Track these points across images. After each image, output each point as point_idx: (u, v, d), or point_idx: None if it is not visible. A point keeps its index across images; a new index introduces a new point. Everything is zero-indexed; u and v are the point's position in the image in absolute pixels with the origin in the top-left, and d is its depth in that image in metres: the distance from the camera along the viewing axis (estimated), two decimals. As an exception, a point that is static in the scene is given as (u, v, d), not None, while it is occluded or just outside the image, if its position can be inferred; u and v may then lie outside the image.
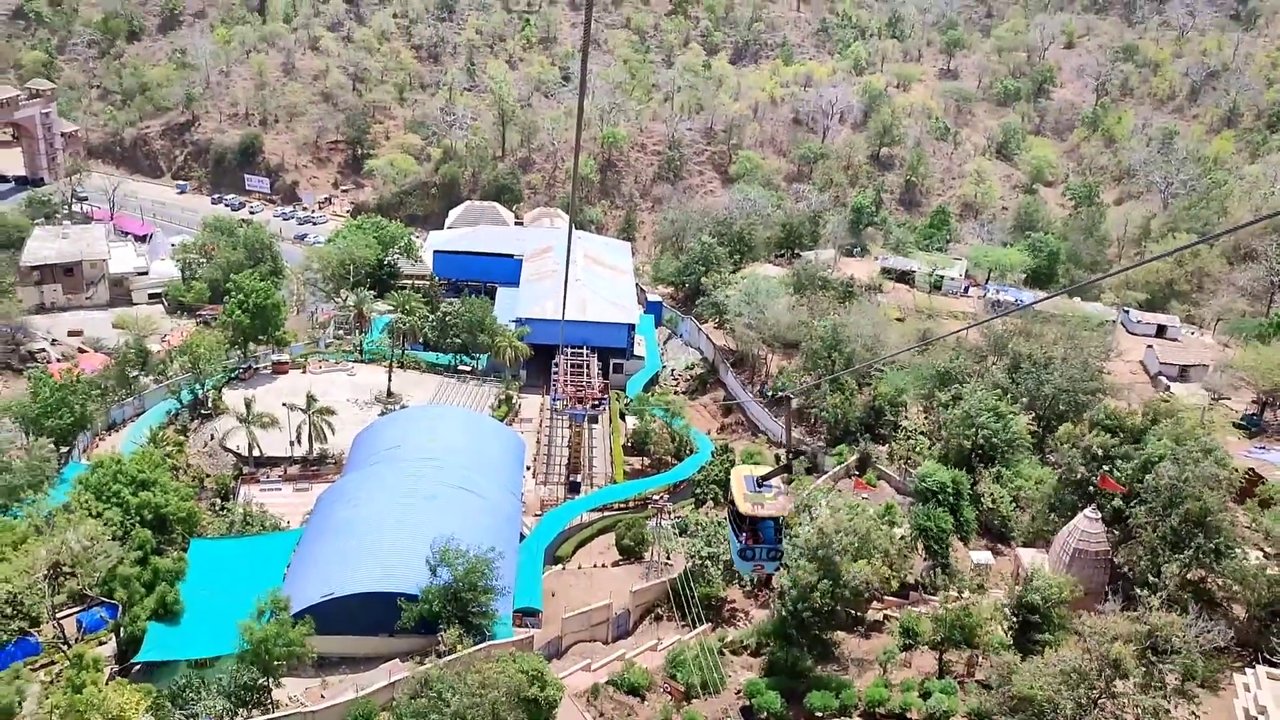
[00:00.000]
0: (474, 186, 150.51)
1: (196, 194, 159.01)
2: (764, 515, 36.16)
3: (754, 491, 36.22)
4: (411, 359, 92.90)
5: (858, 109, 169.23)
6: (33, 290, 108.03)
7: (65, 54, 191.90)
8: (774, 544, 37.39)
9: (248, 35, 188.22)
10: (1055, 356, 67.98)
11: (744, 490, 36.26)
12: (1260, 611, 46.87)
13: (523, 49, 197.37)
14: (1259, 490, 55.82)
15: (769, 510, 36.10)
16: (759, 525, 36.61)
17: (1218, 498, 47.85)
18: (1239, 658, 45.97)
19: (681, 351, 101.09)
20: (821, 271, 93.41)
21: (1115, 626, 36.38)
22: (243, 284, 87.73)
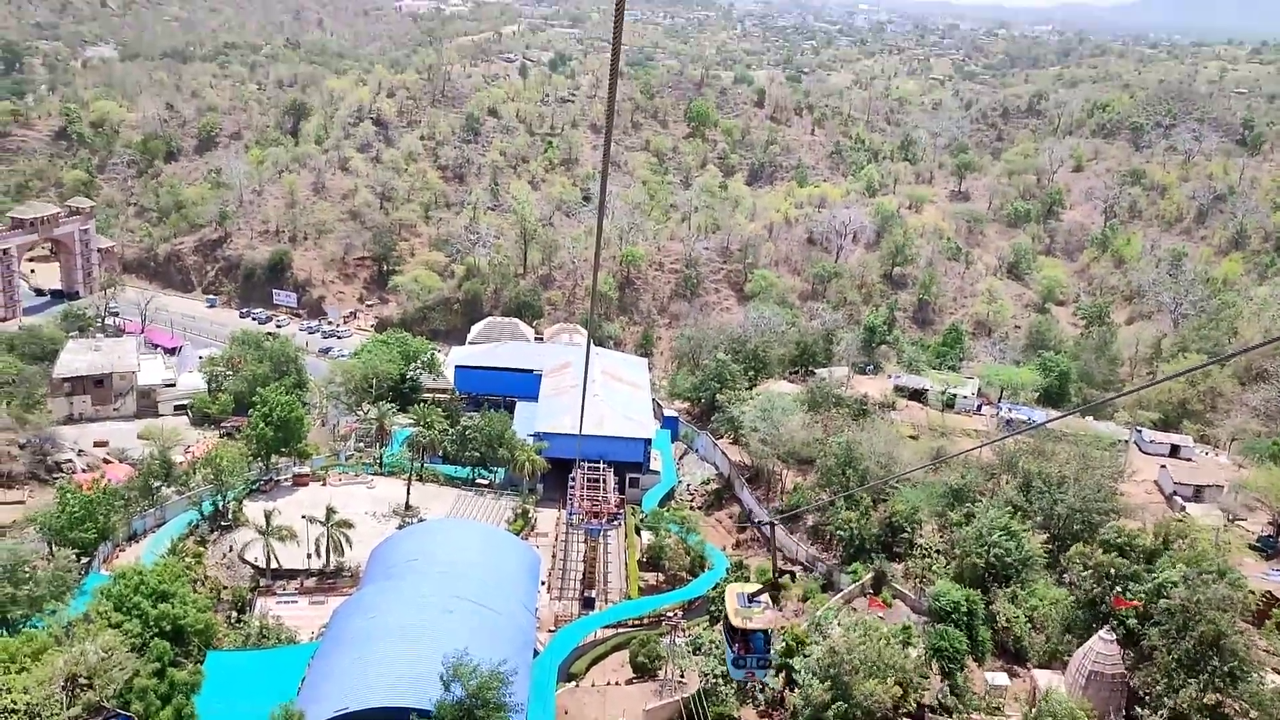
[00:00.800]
0: (496, 302, 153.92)
1: (225, 308, 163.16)
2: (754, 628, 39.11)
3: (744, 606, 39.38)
4: (430, 472, 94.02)
5: (871, 229, 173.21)
6: (63, 401, 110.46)
7: (105, 173, 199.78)
8: (763, 653, 40.01)
9: (280, 156, 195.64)
10: (1068, 476, 68.47)
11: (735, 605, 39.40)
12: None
13: (545, 170, 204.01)
14: (1275, 613, 55.58)
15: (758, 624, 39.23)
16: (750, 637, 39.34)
17: (1231, 620, 47.81)
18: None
19: (697, 467, 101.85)
20: (835, 389, 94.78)
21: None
22: (268, 397, 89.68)
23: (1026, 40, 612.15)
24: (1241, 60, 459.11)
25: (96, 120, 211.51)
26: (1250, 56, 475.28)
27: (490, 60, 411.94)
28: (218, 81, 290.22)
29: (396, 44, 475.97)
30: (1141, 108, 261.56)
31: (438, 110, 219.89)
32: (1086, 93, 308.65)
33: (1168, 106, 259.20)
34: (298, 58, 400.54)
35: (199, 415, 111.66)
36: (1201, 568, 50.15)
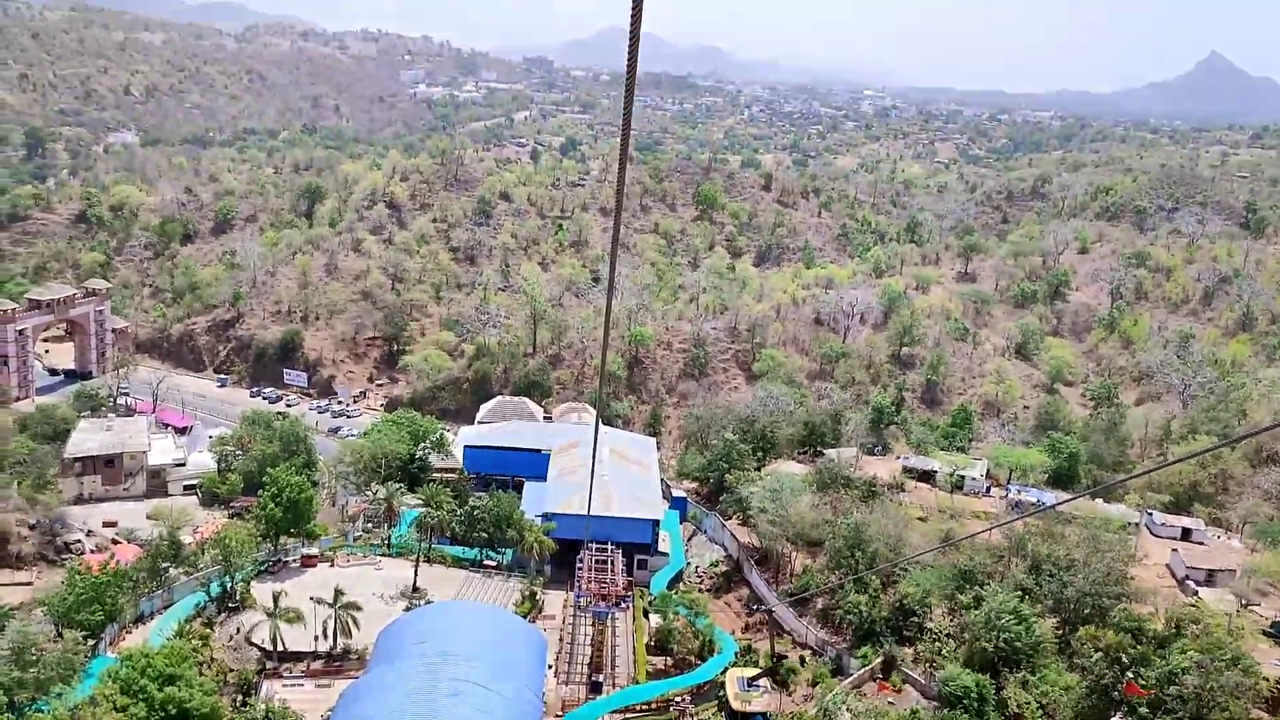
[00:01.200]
0: (505, 382, 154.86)
1: (236, 387, 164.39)
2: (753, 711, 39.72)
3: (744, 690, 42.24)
4: (438, 553, 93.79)
5: (878, 310, 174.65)
6: (73, 481, 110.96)
7: (122, 255, 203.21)
8: None
9: (294, 238, 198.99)
10: (1077, 559, 68.18)
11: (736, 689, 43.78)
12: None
13: (555, 251, 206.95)
14: (1291, 700, 54.86)
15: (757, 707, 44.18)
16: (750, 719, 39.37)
17: (1245, 708, 47.28)
18: None
19: (706, 548, 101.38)
20: (844, 470, 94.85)
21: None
22: (278, 477, 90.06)
23: (1029, 125, 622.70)
24: (1243, 145, 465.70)
25: (116, 204, 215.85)
26: (1251, 141, 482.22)
27: (503, 144, 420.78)
28: (235, 166, 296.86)
29: (411, 129, 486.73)
30: (1144, 191, 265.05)
31: (450, 194, 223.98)
32: (1089, 176, 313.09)
33: (1170, 190, 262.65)
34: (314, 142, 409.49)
35: (208, 495, 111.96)
36: (1214, 655, 49.72)
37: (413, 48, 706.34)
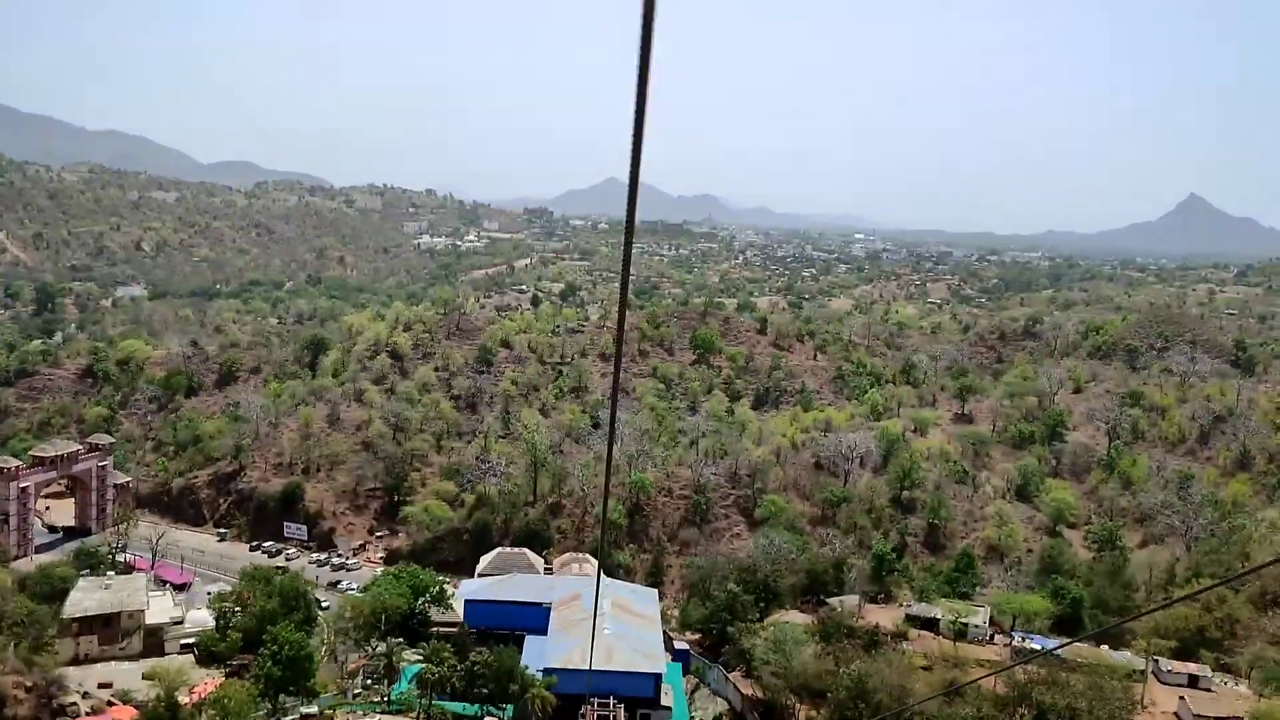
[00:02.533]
0: (505, 531, 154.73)
1: (236, 541, 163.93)
2: None
3: None
4: (439, 710, 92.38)
5: (876, 453, 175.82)
6: (69, 642, 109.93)
7: (127, 408, 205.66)
8: None
9: (298, 389, 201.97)
10: (1080, 708, 67.67)
11: None
12: None
13: (555, 398, 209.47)
14: None
15: None
16: None
17: None
18: None
19: (709, 701, 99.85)
20: (847, 619, 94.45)
21: None
22: (277, 635, 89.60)
23: (1018, 265, 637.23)
24: (1228, 283, 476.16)
25: (122, 358, 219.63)
26: (1236, 279, 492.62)
27: (504, 291, 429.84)
28: (240, 317, 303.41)
29: (414, 277, 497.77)
30: (1135, 330, 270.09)
31: (452, 342, 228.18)
32: (1080, 314, 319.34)
33: (1160, 329, 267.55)
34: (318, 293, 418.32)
35: (205, 653, 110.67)
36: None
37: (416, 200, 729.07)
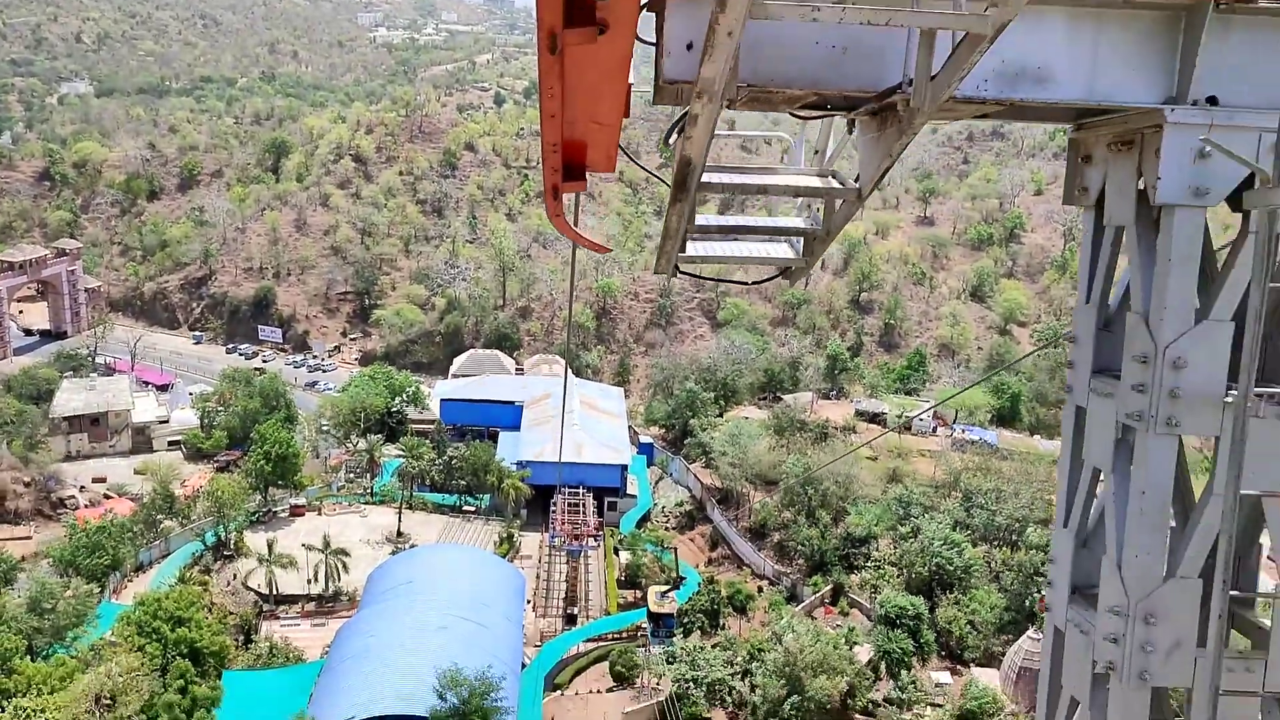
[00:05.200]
0: (476, 334, 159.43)
1: (211, 344, 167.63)
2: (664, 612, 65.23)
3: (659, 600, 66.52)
4: (419, 500, 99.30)
5: (838, 256, 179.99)
6: (60, 440, 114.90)
7: (89, 213, 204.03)
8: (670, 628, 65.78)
9: (262, 194, 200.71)
10: (1005, 490, 74.99)
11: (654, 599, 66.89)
12: None
13: (521, 203, 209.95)
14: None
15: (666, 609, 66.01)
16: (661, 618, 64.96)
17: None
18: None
19: (671, 490, 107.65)
20: (799, 415, 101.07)
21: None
22: (266, 434, 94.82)
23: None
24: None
25: (79, 161, 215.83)
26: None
27: (465, 89, 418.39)
28: (195, 117, 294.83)
29: (372, 74, 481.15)
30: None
31: (415, 146, 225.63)
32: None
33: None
34: (273, 91, 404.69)
35: (192, 450, 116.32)
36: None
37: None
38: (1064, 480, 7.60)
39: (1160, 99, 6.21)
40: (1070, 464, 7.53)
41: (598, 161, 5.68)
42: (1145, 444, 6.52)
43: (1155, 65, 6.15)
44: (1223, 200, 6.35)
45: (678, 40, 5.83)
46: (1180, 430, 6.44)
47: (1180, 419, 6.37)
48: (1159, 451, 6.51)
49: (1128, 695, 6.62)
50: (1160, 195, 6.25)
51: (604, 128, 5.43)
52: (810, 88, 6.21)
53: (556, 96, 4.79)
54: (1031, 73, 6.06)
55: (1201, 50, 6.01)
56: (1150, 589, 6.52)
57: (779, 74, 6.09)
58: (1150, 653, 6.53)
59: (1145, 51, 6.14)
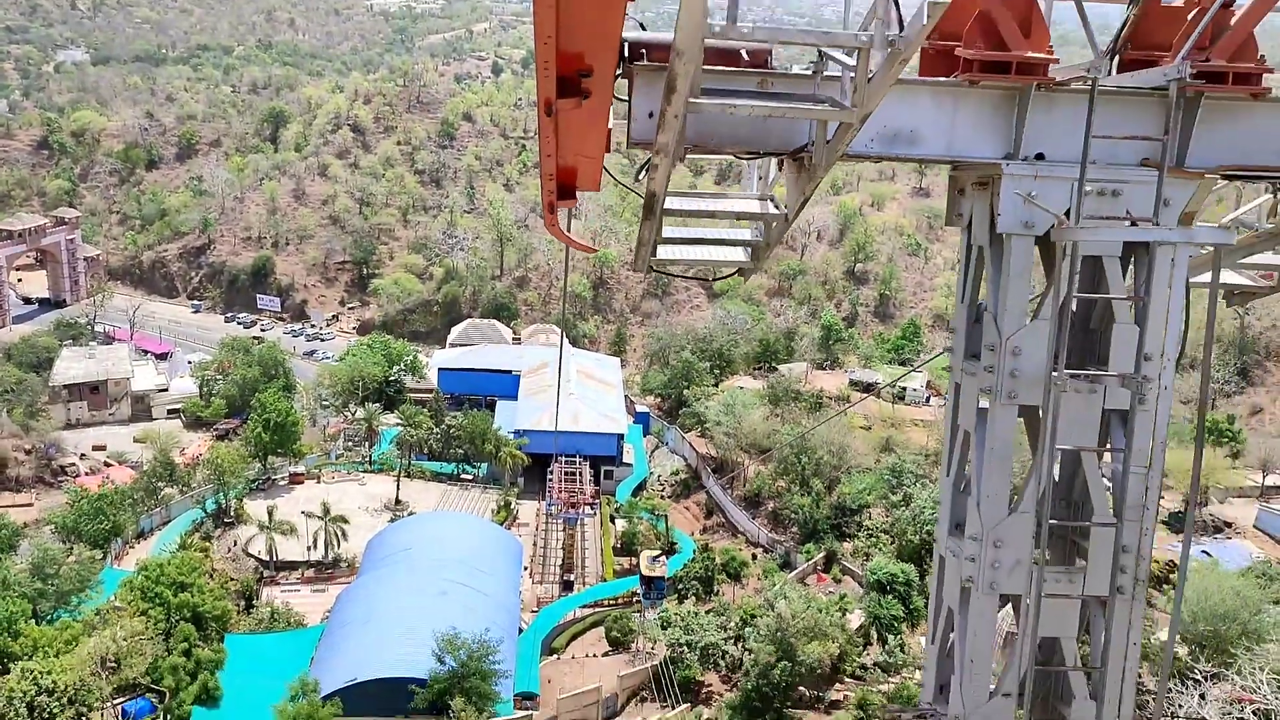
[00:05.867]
0: (474, 304, 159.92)
1: (210, 313, 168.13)
2: (654, 575, 66.26)
3: (650, 564, 67.54)
4: (418, 468, 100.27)
5: (834, 227, 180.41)
6: (60, 408, 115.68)
7: (88, 181, 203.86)
8: (661, 591, 67.43)
9: (260, 163, 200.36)
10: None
11: (645, 563, 67.94)
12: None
13: (519, 173, 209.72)
14: (1174, 578, 63.04)
15: (657, 572, 66.82)
16: (652, 581, 66.26)
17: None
18: None
19: (667, 459, 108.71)
20: (794, 385, 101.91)
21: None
22: (264, 402, 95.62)
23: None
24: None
25: (77, 130, 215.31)
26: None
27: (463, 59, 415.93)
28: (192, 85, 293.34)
29: (369, 43, 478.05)
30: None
31: (413, 115, 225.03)
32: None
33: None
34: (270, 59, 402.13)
35: (192, 419, 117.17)
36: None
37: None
38: (946, 440, 9.43)
39: (1000, 155, 8.15)
40: (950, 427, 9.30)
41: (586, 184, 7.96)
42: (994, 412, 8.47)
43: (997, 130, 8.09)
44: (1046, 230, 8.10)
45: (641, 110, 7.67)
46: (1018, 401, 8.39)
47: (1018, 393, 8.35)
48: (1003, 418, 8.48)
49: (982, 602, 8.72)
50: (1001, 226, 8.22)
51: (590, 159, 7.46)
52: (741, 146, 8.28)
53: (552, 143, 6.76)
54: (905, 135, 8.04)
55: (1029, 120, 7.95)
56: (998, 521, 8.49)
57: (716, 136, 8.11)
58: (998, 569, 8.57)
59: (989, 120, 8.07)
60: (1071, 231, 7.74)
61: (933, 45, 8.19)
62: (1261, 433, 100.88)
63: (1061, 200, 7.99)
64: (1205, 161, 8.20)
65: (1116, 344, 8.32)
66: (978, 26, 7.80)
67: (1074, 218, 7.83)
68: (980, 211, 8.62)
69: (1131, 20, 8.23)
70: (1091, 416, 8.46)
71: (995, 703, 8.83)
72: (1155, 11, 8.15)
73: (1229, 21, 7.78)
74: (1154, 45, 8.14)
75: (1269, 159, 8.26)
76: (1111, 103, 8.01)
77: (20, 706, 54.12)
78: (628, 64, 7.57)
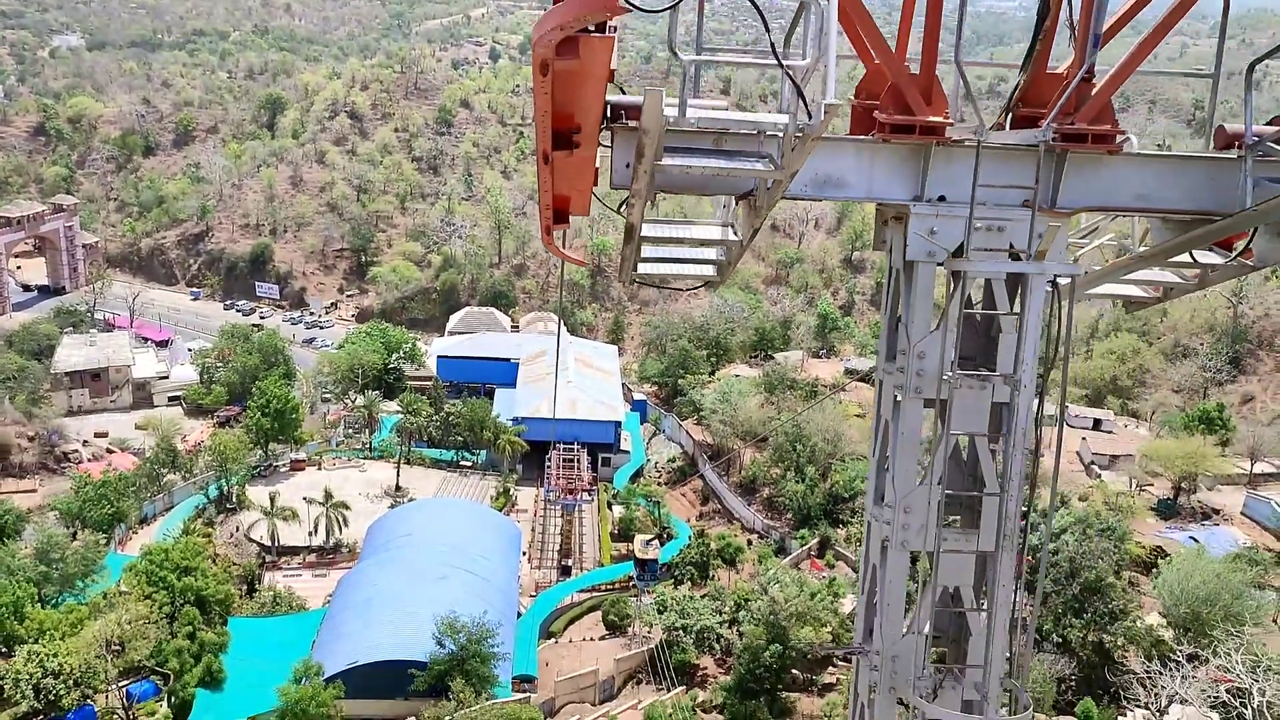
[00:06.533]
0: (472, 292, 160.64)
1: (209, 300, 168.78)
2: (648, 559, 72.52)
3: (644, 547, 73.88)
4: (417, 455, 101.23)
5: (831, 216, 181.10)
6: (62, 395, 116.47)
7: (85, 168, 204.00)
8: (654, 572, 72.51)
9: (258, 150, 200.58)
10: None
11: (640, 546, 74.21)
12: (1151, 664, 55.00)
13: (517, 160, 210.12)
14: (1160, 564, 64.30)
15: (650, 555, 73.21)
16: (646, 564, 72.13)
17: (1109, 568, 56.39)
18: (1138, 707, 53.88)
19: (664, 446, 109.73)
20: (789, 373, 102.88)
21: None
22: (265, 389, 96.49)
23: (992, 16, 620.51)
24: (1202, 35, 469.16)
25: (74, 116, 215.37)
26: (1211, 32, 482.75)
27: (460, 44, 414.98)
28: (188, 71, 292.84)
29: (365, 28, 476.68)
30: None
31: (410, 102, 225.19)
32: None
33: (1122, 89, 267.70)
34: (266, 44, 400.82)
35: (192, 406, 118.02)
36: (1090, 524, 58.69)
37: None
38: (874, 427, 11.17)
39: (909, 197, 9.80)
40: (876, 417, 11.02)
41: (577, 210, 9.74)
42: (905, 404, 10.22)
43: (906, 177, 9.78)
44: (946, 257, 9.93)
45: (620, 161, 9.21)
46: (923, 395, 10.15)
47: (923, 389, 10.08)
48: (911, 409, 10.25)
49: (896, 557, 10.60)
50: (909, 255, 9.91)
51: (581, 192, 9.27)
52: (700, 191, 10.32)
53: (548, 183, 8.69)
54: (833, 181, 9.72)
55: (931, 169, 9.66)
56: (908, 491, 10.28)
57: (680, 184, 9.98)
58: (907, 530, 10.34)
59: (900, 169, 9.76)
60: (958, 262, 9.66)
61: (860, 105, 10.00)
62: (1252, 421, 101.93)
63: (958, 234, 9.66)
64: (1072, 203, 10.00)
65: (1002, 350, 10.09)
66: (889, 96, 9.50)
67: (966, 249, 9.57)
68: (896, 241, 10.13)
69: (1022, 84, 9.97)
70: (983, 408, 10.18)
71: (907, 640, 10.59)
72: (1041, 78, 9.91)
73: (1091, 91, 9.48)
74: (1041, 104, 9.76)
75: (1124, 201, 10.10)
76: (997, 156, 9.69)
77: (27, 688, 55.29)
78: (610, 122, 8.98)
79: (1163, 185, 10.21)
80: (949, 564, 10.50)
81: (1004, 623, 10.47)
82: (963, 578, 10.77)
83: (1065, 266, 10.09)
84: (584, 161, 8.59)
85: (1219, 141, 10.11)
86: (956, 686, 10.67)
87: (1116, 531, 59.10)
